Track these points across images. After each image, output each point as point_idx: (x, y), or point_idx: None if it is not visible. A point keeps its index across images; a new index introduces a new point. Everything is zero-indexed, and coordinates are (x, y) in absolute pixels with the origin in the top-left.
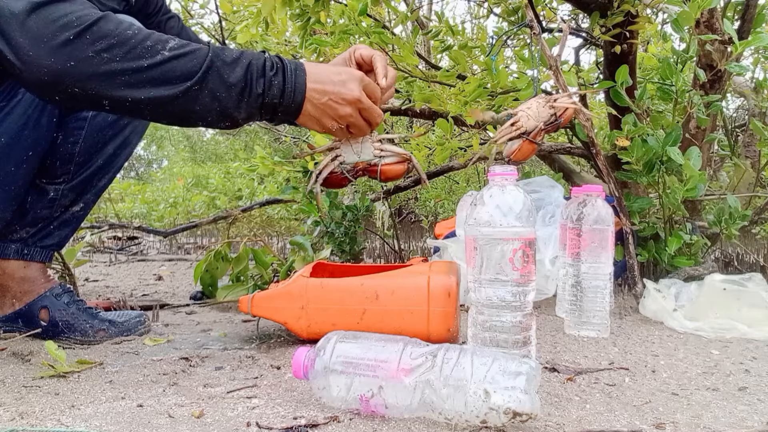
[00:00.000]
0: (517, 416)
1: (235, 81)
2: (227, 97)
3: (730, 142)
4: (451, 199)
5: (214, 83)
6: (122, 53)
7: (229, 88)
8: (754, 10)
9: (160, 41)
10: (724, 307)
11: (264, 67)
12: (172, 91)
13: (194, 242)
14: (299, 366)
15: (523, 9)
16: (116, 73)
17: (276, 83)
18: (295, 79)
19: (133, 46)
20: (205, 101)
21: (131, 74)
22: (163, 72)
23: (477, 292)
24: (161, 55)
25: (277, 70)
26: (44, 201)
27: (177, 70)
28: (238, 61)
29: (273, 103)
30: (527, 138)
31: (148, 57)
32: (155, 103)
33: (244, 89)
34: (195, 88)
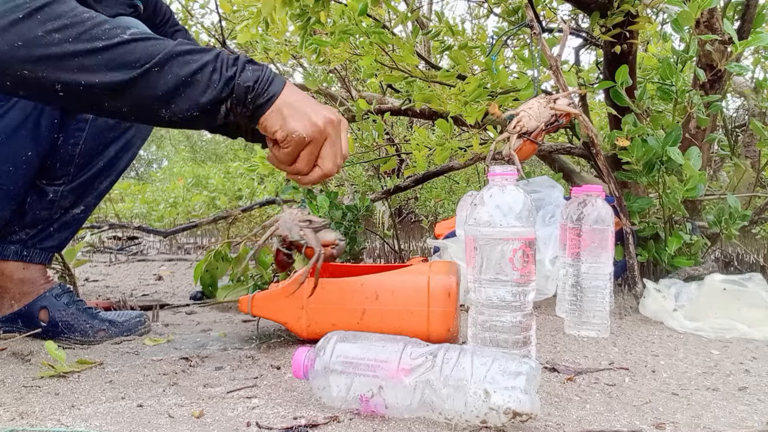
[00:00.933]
0: (517, 416)
1: (203, 64)
2: (192, 80)
3: (730, 142)
4: (451, 199)
5: (179, 66)
6: (76, 34)
7: (194, 72)
8: (754, 10)
9: (120, 26)
10: (724, 307)
11: (236, 58)
12: (130, 73)
13: (194, 242)
14: (299, 366)
15: (523, 9)
16: (68, 54)
17: (249, 69)
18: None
19: (89, 27)
20: (168, 86)
21: (85, 56)
22: (120, 54)
23: (477, 292)
24: (119, 38)
25: (250, 62)
26: (44, 202)
27: (136, 52)
28: (207, 50)
29: (245, 86)
30: (528, 138)
31: (105, 39)
32: (110, 87)
33: (215, 71)
34: (155, 69)
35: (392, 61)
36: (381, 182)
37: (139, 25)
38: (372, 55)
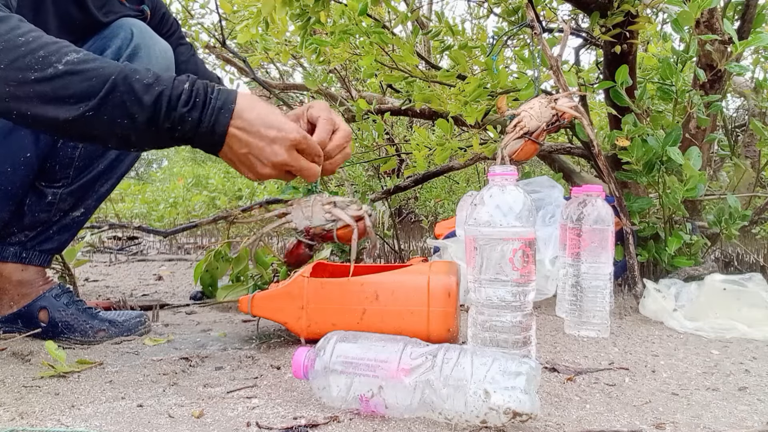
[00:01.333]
0: (517, 416)
1: (140, 111)
2: (130, 125)
3: (730, 142)
4: (451, 199)
5: (115, 110)
6: (8, 60)
7: (132, 118)
8: (754, 10)
9: (57, 53)
10: (724, 307)
11: (179, 100)
12: (64, 113)
13: (194, 242)
14: (299, 366)
15: (523, 9)
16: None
17: (190, 119)
18: (214, 119)
19: (21, 55)
20: (103, 127)
21: (15, 86)
22: (53, 88)
23: (477, 292)
24: (53, 69)
25: (194, 106)
26: (43, 204)
27: (70, 89)
28: (148, 88)
29: (185, 137)
30: (530, 138)
31: (38, 69)
32: (44, 122)
33: (151, 119)
34: (90, 113)
35: (392, 61)
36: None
37: (135, 26)
38: (372, 55)
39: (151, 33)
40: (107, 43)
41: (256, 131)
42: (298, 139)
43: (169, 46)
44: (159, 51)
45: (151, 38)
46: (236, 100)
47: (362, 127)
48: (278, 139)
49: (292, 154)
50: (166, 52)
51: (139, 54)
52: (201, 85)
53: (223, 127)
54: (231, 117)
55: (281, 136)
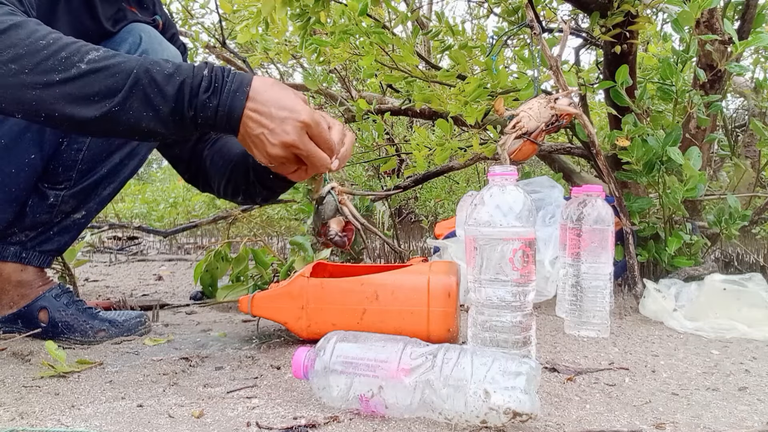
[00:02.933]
0: (517, 416)
1: (164, 102)
2: (155, 117)
3: (730, 142)
4: (451, 199)
5: (140, 103)
6: (32, 65)
7: (156, 109)
8: (754, 10)
9: (78, 52)
10: (724, 307)
11: (199, 87)
12: (91, 111)
13: (194, 242)
14: (299, 366)
15: (523, 9)
16: (26, 85)
17: (210, 105)
18: (231, 102)
19: (44, 58)
20: (129, 121)
21: (42, 88)
22: (78, 88)
23: (477, 292)
24: (77, 69)
25: (214, 91)
26: (44, 205)
27: (95, 86)
28: (170, 78)
29: (207, 124)
30: (528, 138)
31: (61, 71)
32: (71, 121)
33: (175, 109)
34: (116, 108)
35: (392, 61)
36: (381, 182)
37: (144, 31)
38: (372, 55)
39: (160, 39)
40: (115, 47)
41: (269, 111)
42: (308, 122)
43: (178, 52)
44: (167, 57)
45: (159, 44)
46: (251, 83)
47: (362, 127)
48: (289, 119)
49: (302, 136)
50: (174, 58)
51: None
52: (218, 69)
53: (239, 109)
54: (246, 99)
55: (292, 116)
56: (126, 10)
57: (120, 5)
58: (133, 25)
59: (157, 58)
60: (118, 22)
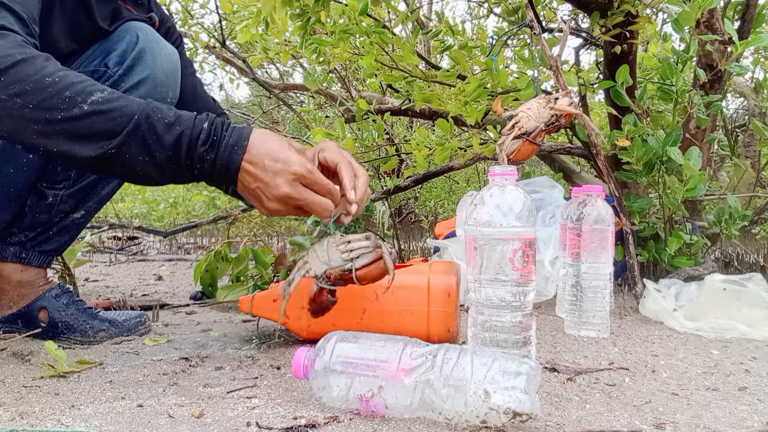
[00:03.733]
0: (517, 416)
1: (162, 150)
2: (151, 163)
3: (730, 142)
4: (451, 199)
5: (137, 148)
6: (36, 101)
7: (153, 156)
8: (754, 10)
9: (82, 93)
10: (724, 307)
11: (198, 139)
12: (88, 150)
13: (194, 242)
14: (299, 366)
15: (523, 9)
16: (28, 120)
17: (208, 158)
18: (228, 156)
19: (49, 95)
20: (124, 164)
21: (44, 125)
22: (79, 127)
23: (477, 292)
24: (79, 109)
25: (211, 145)
26: (43, 205)
27: (94, 128)
28: (170, 128)
29: (205, 175)
30: (527, 138)
31: (64, 109)
32: (69, 157)
33: (171, 158)
34: (112, 151)
35: (392, 61)
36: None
37: (141, 30)
38: (372, 55)
39: (157, 37)
40: (112, 46)
41: (263, 165)
42: (301, 172)
43: (175, 50)
44: (165, 55)
45: (156, 42)
46: (249, 136)
47: (362, 127)
48: (281, 172)
49: (296, 187)
50: (171, 56)
51: (143, 57)
52: (219, 123)
53: (236, 163)
54: (243, 153)
55: (284, 168)
56: (121, 8)
57: (116, 3)
58: (130, 24)
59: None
60: (114, 21)
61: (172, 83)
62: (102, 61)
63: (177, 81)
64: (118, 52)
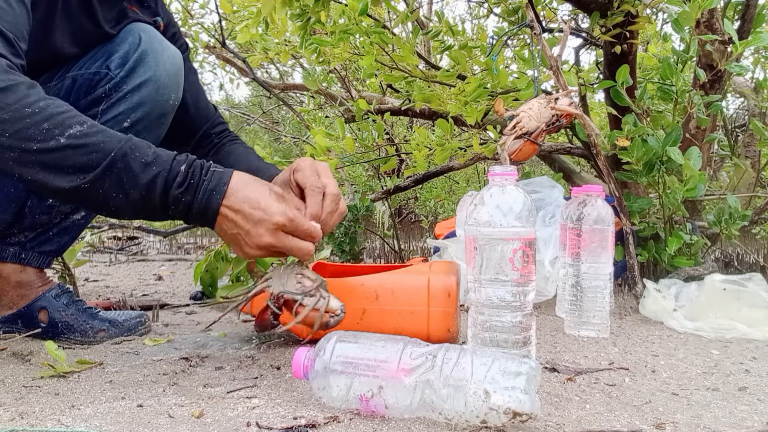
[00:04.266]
0: (517, 416)
1: (135, 189)
2: (124, 200)
3: (730, 142)
4: (451, 199)
5: (111, 185)
6: (13, 130)
7: (127, 193)
8: (754, 10)
9: (61, 125)
10: (724, 307)
11: (174, 182)
12: (62, 182)
13: (194, 242)
14: (299, 366)
15: (523, 9)
16: (4, 148)
17: (183, 200)
18: (206, 201)
19: (26, 126)
20: (98, 199)
21: (19, 153)
22: (53, 159)
23: (477, 292)
24: (55, 141)
25: (187, 188)
26: (43, 206)
27: (68, 161)
28: (146, 168)
29: (179, 216)
30: (528, 138)
31: (41, 140)
32: (43, 187)
33: (145, 198)
34: (86, 185)
35: (392, 61)
36: (381, 182)
37: (144, 31)
38: (372, 55)
39: (161, 38)
40: (115, 48)
41: (243, 213)
42: (283, 222)
43: (178, 53)
44: (167, 57)
45: (160, 44)
46: (230, 180)
47: (362, 127)
48: (262, 222)
49: (277, 236)
50: (174, 58)
51: (146, 59)
52: (198, 165)
53: (214, 208)
54: (222, 198)
55: (266, 218)
56: (127, 9)
57: (121, 5)
58: (133, 25)
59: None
60: (119, 23)
61: (174, 85)
62: (104, 63)
63: (180, 83)
64: (120, 54)
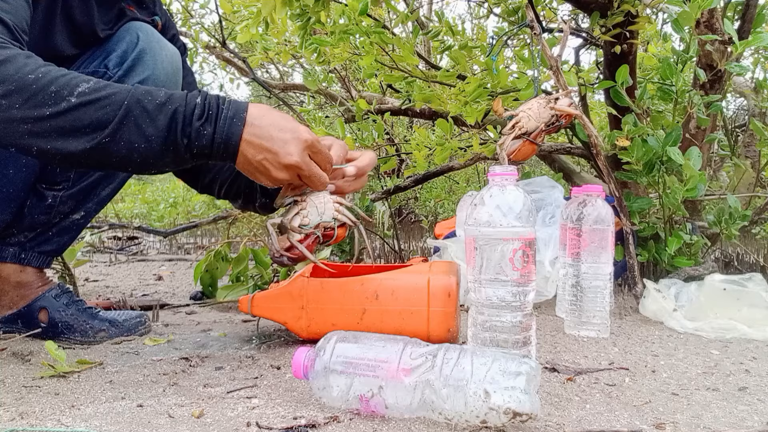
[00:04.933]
0: (517, 416)
1: (156, 131)
2: (147, 148)
3: (730, 142)
4: (451, 199)
5: (131, 134)
6: (21, 100)
7: (149, 139)
8: (754, 10)
9: (67, 86)
10: (724, 307)
11: (192, 114)
12: (82, 143)
13: (194, 242)
14: (299, 366)
15: (523, 9)
16: (16, 121)
17: (205, 133)
18: (227, 129)
19: (34, 93)
20: (121, 152)
21: (33, 123)
22: (69, 121)
23: (477, 292)
24: (66, 102)
25: (207, 118)
26: (42, 206)
27: (85, 119)
28: (161, 108)
29: (203, 153)
30: (528, 138)
31: (52, 105)
32: (63, 154)
33: (167, 139)
34: (106, 140)
35: (392, 61)
36: (381, 182)
37: (141, 30)
38: (372, 55)
39: (159, 37)
40: (113, 47)
41: (269, 135)
42: (311, 140)
43: (176, 51)
44: (166, 55)
45: (158, 42)
46: (248, 108)
47: (362, 127)
48: (292, 141)
49: (304, 156)
50: (173, 56)
51: (144, 58)
52: (213, 97)
53: (236, 136)
54: (243, 125)
55: (295, 137)
56: (125, 9)
57: (119, 5)
58: (131, 24)
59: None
60: (117, 23)
61: (172, 84)
62: (102, 62)
63: (178, 82)
64: (118, 53)
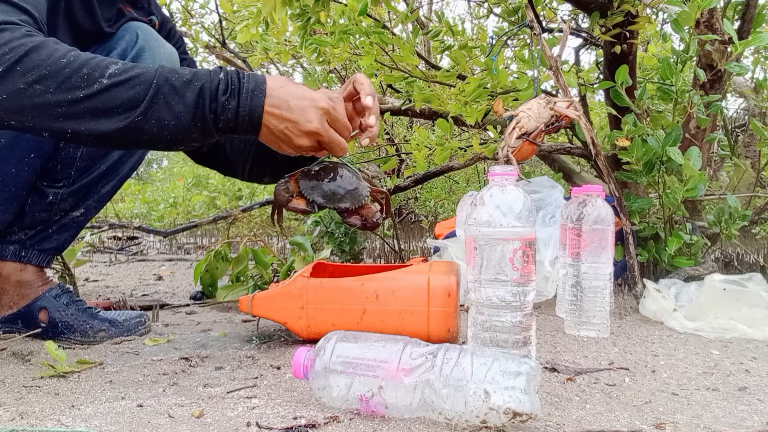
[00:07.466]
0: (517, 416)
1: (185, 108)
2: (177, 124)
3: (730, 142)
4: (451, 199)
5: (162, 111)
6: (56, 84)
7: (178, 116)
8: (754, 10)
9: (98, 68)
10: (724, 307)
11: (217, 90)
12: (115, 123)
13: (194, 242)
14: (299, 366)
15: (523, 9)
16: (51, 104)
17: (230, 107)
18: (250, 102)
19: (67, 76)
20: (152, 130)
21: (67, 106)
22: (102, 102)
23: (477, 292)
24: (99, 84)
25: (231, 93)
26: (43, 204)
27: (117, 99)
28: (189, 85)
29: (228, 126)
30: (527, 139)
31: (84, 87)
32: (96, 134)
33: (195, 115)
34: (138, 118)
35: (392, 61)
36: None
37: (140, 29)
38: (372, 55)
39: (157, 36)
40: (113, 45)
41: (289, 105)
42: (327, 107)
43: (174, 50)
44: (164, 54)
45: (156, 41)
46: (266, 81)
47: None
48: (310, 108)
49: (323, 122)
50: (171, 56)
51: (143, 56)
52: (233, 72)
53: (259, 108)
54: (264, 97)
55: (313, 105)
56: (123, 10)
57: (118, 6)
58: (130, 24)
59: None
60: (116, 23)
61: None
62: None
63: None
64: (118, 51)
